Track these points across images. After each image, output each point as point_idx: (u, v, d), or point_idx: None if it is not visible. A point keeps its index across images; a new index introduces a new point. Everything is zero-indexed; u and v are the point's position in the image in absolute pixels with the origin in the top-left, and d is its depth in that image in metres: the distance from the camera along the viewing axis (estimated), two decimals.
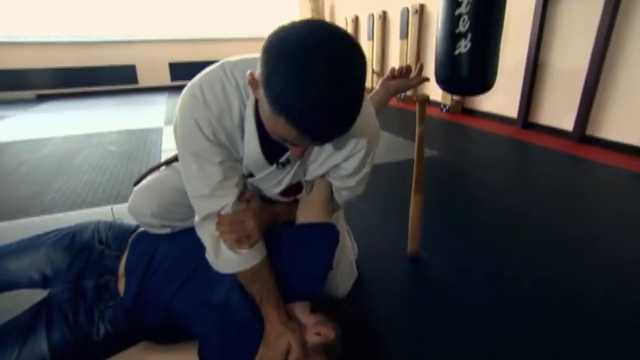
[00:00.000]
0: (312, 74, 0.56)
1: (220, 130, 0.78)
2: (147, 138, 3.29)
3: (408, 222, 1.47)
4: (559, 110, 3.30)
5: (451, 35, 2.37)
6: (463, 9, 2.32)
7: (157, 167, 1.10)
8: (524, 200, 2.05)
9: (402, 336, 1.09)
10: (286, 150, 0.82)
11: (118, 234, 1.06)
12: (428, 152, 2.89)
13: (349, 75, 0.58)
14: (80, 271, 0.99)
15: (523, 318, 1.16)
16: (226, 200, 0.83)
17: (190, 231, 1.03)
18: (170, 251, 1.01)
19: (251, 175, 0.90)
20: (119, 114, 4.46)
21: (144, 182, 1.05)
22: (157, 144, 3.11)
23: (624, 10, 2.68)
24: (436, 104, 4.65)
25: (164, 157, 2.71)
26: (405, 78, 1.31)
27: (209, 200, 0.83)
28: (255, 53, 0.67)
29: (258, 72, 0.62)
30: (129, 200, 1.04)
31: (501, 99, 3.83)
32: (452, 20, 2.36)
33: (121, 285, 1.00)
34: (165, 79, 6.69)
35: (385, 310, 1.19)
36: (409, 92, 1.97)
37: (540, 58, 3.38)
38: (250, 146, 0.81)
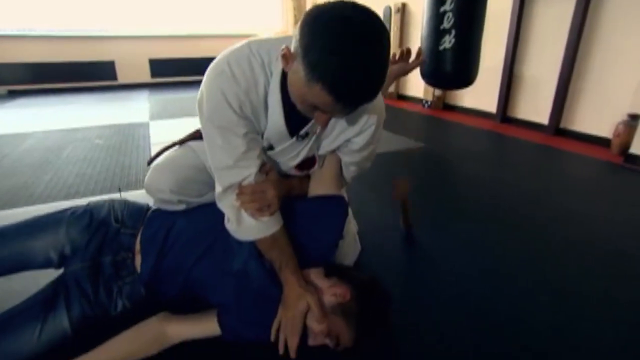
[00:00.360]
0: (347, 44, 0.63)
1: (246, 103, 0.83)
2: (134, 132, 3.26)
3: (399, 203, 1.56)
4: (535, 105, 3.47)
5: (436, 32, 2.50)
6: (447, 7, 2.45)
7: (171, 147, 1.14)
8: (504, 185, 2.18)
9: (403, 298, 1.20)
10: (305, 123, 0.89)
11: (133, 212, 1.08)
12: (414, 144, 3.01)
13: (378, 43, 0.65)
14: (98, 249, 1.01)
15: (497, 276, 1.26)
16: (249, 171, 0.88)
17: (205, 207, 1.08)
18: (186, 226, 1.04)
19: (270, 148, 0.95)
20: (100, 110, 4.37)
21: (160, 160, 1.09)
22: (145, 137, 3.09)
23: (593, 10, 2.86)
24: (418, 100, 4.79)
25: (154, 150, 2.71)
26: (405, 62, 1.38)
27: (233, 171, 0.88)
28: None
29: (293, 46, 0.68)
30: (146, 178, 1.07)
31: (481, 94, 3.98)
32: (436, 17, 2.48)
33: (137, 261, 1.02)
34: (146, 76, 6.57)
35: (385, 276, 1.26)
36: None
37: (517, 56, 3.55)
38: (274, 118, 0.86)
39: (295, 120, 0.87)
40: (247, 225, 0.92)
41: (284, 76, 0.81)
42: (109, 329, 0.94)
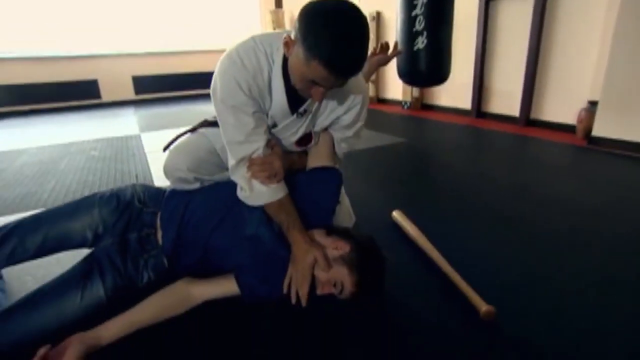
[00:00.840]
0: (336, 28, 0.82)
1: (254, 86, 0.99)
2: (127, 144, 3.35)
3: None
4: (506, 100, 3.72)
5: (409, 34, 2.72)
6: (418, 10, 2.68)
7: (184, 134, 1.29)
8: (482, 169, 2.37)
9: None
10: (302, 103, 1.05)
11: (152, 194, 1.21)
12: (396, 139, 3.20)
13: (361, 26, 0.85)
14: (125, 227, 1.12)
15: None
16: (258, 145, 1.04)
17: (216, 185, 1.22)
18: (201, 202, 1.17)
19: (274, 126, 1.11)
20: (88, 126, 4.43)
21: (176, 144, 1.23)
22: (138, 147, 3.18)
23: (550, 8, 3.13)
24: (397, 102, 5.02)
25: (150, 158, 2.82)
26: (384, 54, 1.56)
27: (244, 146, 1.03)
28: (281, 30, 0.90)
29: (293, 34, 0.88)
30: (165, 160, 1.21)
31: (456, 93, 4.23)
32: (409, 20, 2.70)
33: (159, 236, 1.15)
34: (130, 93, 6.64)
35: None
36: None
37: (486, 54, 3.81)
38: (278, 98, 1.03)
39: (294, 101, 1.04)
40: (258, 192, 1.07)
41: (284, 64, 0.98)
42: (138, 299, 1.06)
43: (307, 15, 0.84)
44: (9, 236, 1.05)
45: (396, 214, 1.61)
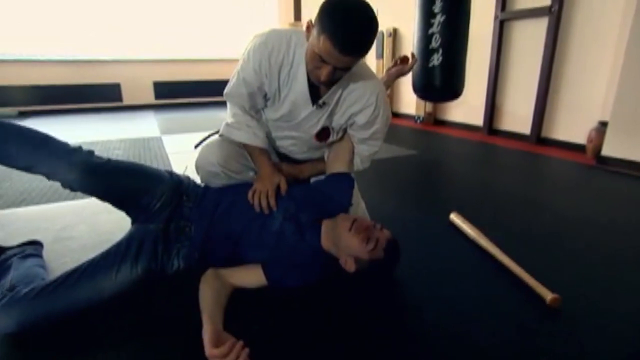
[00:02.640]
0: (347, 13, 0.98)
1: (265, 64, 1.18)
2: (148, 144, 3.50)
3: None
4: (518, 117, 3.80)
5: (426, 51, 2.83)
6: (435, 29, 2.80)
7: (212, 135, 1.42)
8: (491, 183, 2.44)
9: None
10: (322, 96, 1.21)
11: (193, 189, 1.31)
12: (407, 152, 3.28)
13: (369, 15, 1.02)
14: (169, 215, 1.22)
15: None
16: (239, 106, 1.32)
17: (246, 185, 1.32)
18: (232, 203, 1.27)
19: (294, 119, 1.28)
20: (111, 127, 4.61)
21: (207, 142, 1.37)
22: (160, 148, 3.33)
23: (564, 29, 3.23)
24: (410, 117, 5.12)
25: (172, 159, 2.95)
26: (402, 65, 1.66)
27: (235, 99, 1.32)
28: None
29: (315, 20, 1.04)
30: (198, 155, 1.34)
31: (468, 109, 4.32)
32: (425, 38, 2.82)
33: (194, 229, 1.24)
34: (150, 98, 6.86)
35: None
36: None
37: (500, 72, 3.90)
38: (300, 83, 1.19)
39: (314, 93, 1.19)
40: (237, 134, 1.31)
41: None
42: (166, 282, 1.16)
43: (325, 7, 1.01)
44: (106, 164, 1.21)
45: (454, 216, 1.75)
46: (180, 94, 7.03)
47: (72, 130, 4.44)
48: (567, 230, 1.72)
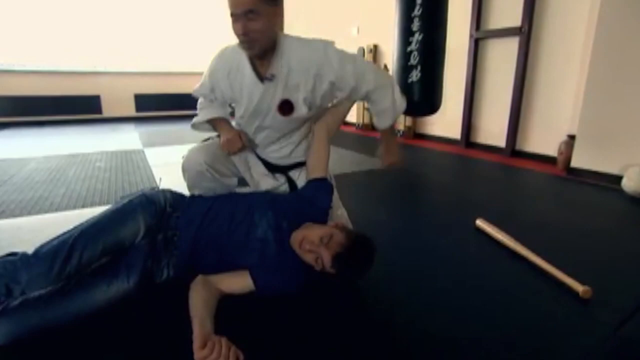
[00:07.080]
0: None
1: (219, 70, 1.36)
2: (130, 157, 3.47)
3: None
4: (493, 131, 3.96)
5: (404, 67, 2.96)
6: (413, 47, 2.92)
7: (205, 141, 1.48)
8: (470, 195, 2.54)
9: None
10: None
11: (177, 199, 1.33)
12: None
13: None
14: (156, 228, 1.24)
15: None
16: (202, 92, 1.47)
17: (232, 195, 1.36)
18: (218, 211, 1.30)
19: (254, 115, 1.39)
20: (91, 139, 4.55)
21: (193, 145, 1.43)
22: (143, 160, 3.31)
23: (533, 48, 3.42)
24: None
25: (155, 171, 2.95)
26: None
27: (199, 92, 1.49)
28: None
29: None
30: (184, 158, 1.39)
31: (446, 123, 4.47)
32: (404, 55, 2.95)
33: (182, 236, 1.26)
34: (131, 110, 6.80)
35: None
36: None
37: (475, 88, 4.08)
38: (246, 71, 1.30)
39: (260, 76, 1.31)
40: (202, 114, 1.48)
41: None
42: (157, 291, 1.18)
43: None
44: (72, 250, 1.11)
45: (480, 222, 1.85)
46: (162, 106, 6.99)
47: (51, 142, 4.36)
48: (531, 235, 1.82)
